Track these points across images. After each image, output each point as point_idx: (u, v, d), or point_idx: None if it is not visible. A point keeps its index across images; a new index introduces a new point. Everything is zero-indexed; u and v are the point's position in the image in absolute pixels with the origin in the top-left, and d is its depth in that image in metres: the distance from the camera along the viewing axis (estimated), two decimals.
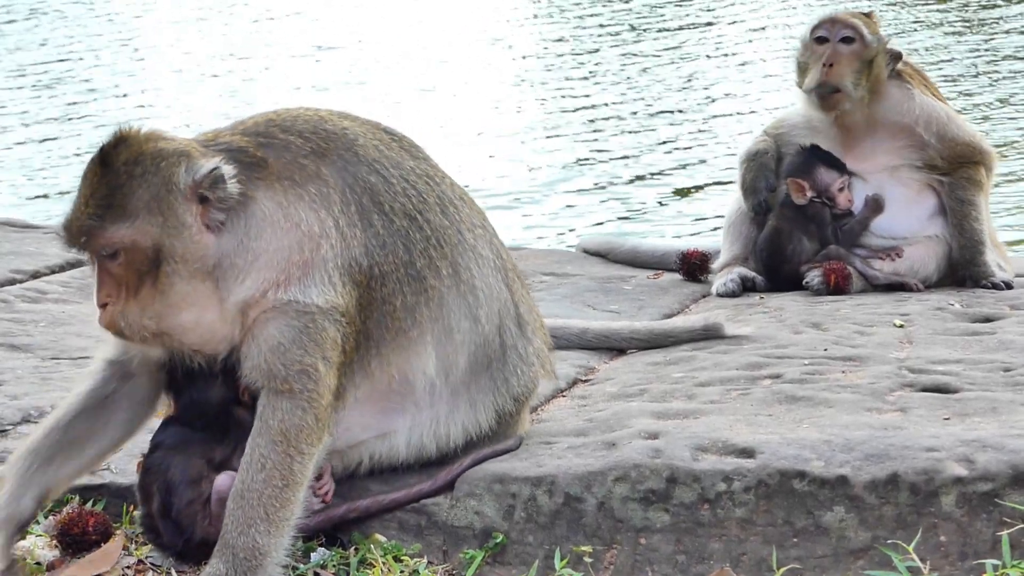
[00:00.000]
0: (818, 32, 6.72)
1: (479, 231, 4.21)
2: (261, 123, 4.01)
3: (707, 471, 3.97)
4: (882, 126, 6.70)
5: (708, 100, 17.83)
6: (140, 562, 4.01)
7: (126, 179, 3.75)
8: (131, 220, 3.74)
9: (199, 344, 3.86)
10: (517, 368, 4.23)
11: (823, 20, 6.74)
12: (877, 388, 4.66)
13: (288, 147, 3.92)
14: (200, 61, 21.57)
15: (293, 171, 3.89)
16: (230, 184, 3.79)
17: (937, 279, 6.69)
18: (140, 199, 3.75)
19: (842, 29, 6.66)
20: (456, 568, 3.99)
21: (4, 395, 4.86)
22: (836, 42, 6.66)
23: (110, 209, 3.74)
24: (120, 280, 3.78)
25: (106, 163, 3.77)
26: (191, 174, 3.77)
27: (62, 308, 6.32)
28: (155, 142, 3.82)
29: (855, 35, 6.65)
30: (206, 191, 3.78)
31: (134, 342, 3.88)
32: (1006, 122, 15.29)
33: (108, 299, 3.79)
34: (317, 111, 4.10)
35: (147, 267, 3.76)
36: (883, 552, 3.81)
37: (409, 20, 25.98)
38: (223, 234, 3.82)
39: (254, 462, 3.78)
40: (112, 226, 3.74)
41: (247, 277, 3.82)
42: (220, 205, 3.80)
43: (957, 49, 19.53)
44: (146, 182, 3.76)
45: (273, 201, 3.85)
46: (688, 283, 7.09)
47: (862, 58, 6.63)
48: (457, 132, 16.53)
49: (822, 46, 6.68)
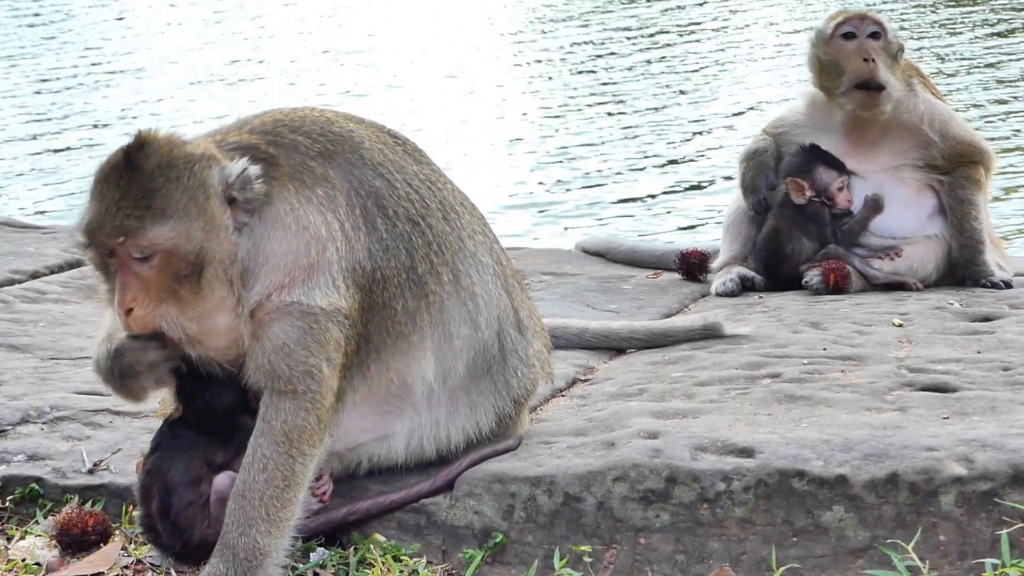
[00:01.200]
0: (844, 28, 6.63)
1: (479, 238, 4.22)
2: (268, 122, 4.00)
3: (706, 471, 3.97)
4: (890, 124, 6.68)
5: (710, 99, 17.84)
6: (139, 562, 4.01)
7: (162, 182, 3.71)
8: (172, 222, 3.70)
9: (223, 348, 3.83)
10: (517, 370, 4.24)
11: (849, 16, 6.66)
12: (876, 387, 4.65)
13: (297, 148, 3.92)
14: (211, 67, 21.57)
15: (303, 173, 3.89)
16: (257, 185, 3.79)
17: (936, 278, 6.69)
18: (179, 202, 3.71)
19: (870, 24, 6.62)
20: (455, 568, 3.99)
21: (3, 395, 4.86)
22: (864, 38, 6.62)
23: (149, 210, 3.69)
24: (148, 284, 3.73)
25: (134, 166, 3.72)
26: (223, 177, 3.76)
27: (61, 308, 6.31)
28: (180, 146, 3.79)
29: (882, 30, 6.62)
30: (236, 193, 3.77)
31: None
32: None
33: (133, 303, 3.73)
34: (323, 112, 4.10)
35: (185, 270, 3.72)
36: (882, 551, 3.81)
37: (412, 21, 26.01)
38: (243, 236, 3.81)
39: (256, 462, 3.78)
40: (153, 228, 3.69)
41: (257, 280, 3.81)
42: (247, 206, 3.79)
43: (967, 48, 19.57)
44: (182, 185, 3.72)
45: (286, 203, 3.85)
46: (687, 283, 7.09)
47: (889, 55, 6.61)
48: (459, 131, 16.54)
49: (851, 42, 6.63)
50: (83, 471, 4.39)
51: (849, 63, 6.58)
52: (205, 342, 3.81)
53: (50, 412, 4.72)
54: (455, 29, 25.12)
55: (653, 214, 12.98)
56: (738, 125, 15.99)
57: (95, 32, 25.28)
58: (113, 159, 3.77)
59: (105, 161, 3.80)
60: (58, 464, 4.42)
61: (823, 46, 6.70)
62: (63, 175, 14.93)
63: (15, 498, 4.34)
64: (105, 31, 25.46)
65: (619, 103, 17.90)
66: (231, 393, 3.91)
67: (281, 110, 4.11)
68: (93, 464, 4.41)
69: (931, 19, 22.26)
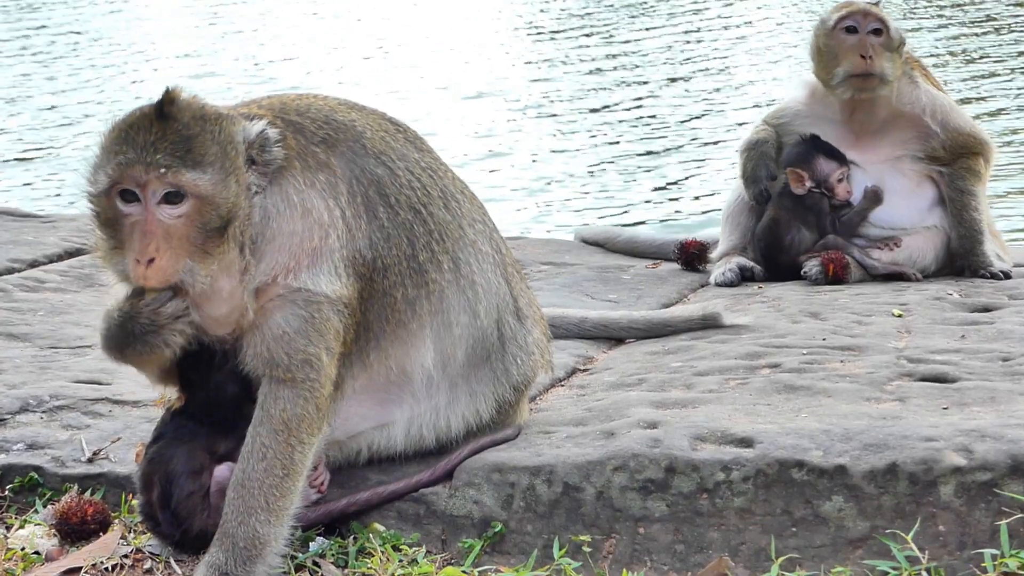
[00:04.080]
0: (847, 22, 6.68)
1: (479, 226, 4.21)
2: (276, 104, 4.00)
3: (706, 461, 3.97)
4: (892, 116, 6.70)
5: (711, 90, 17.82)
6: (138, 551, 4.01)
7: (198, 131, 3.67)
8: (211, 170, 3.65)
9: (221, 319, 3.79)
10: (517, 358, 4.24)
11: (852, 11, 6.70)
12: (876, 378, 4.66)
13: (303, 131, 3.92)
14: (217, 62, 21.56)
15: (307, 156, 3.88)
16: (275, 148, 3.77)
17: (936, 269, 6.70)
18: (215, 153, 3.67)
19: (873, 21, 6.66)
20: (455, 557, 3.99)
21: (3, 384, 4.85)
22: (865, 34, 6.65)
23: (189, 154, 3.63)
24: (171, 234, 3.64)
25: (167, 115, 3.66)
26: (247, 134, 3.73)
27: (60, 297, 6.31)
28: (206, 104, 3.77)
29: (883, 27, 6.65)
30: (255, 153, 3.75)
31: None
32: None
33: (156, 253, 3.63)
34: (327, 100, 4.10)
35: (214, 223, 3.65)
36: (882, 542, 3.81)
37: (412, 9, 25.99)
38: (257, 202, 3.77)
39: (255, 451, 3.78)
40: (191, 171, 3.62)
41: (264, 256, 3.79)
42: (263, 169, 3.77)
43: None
44: (215, 138, 3.68)
45: (295, 180, 3.84)
46: (686, 272, 7.09)
47: (890, 50, 6.64)
48: (459, 120, 16.52)
49: (852, 36, 6.66)
50: (82, 460, 4.39)
51: (847, 56, 6.62)
52: (204, 306, 3.76)
53: (49, 401, 4.72)
54: (458, 21, 25.13)
55: (653, 204, 12.98)
56: (739, 117, 15.98)
57: (101, 27, 25.27)
58: (141, 111, 3.71)
59: (129, 115, 3.73)
60: (57, 453, 4.42)
61: (824, 36, 6.73)
62: (60, 167, 14.93)
63: (14, 487, 4.34)
64: (109, 28, 25.45)
65: (621, 91, 17.89)
66: (235, 384, 3.91)
67: (287, 94, 4.11)
68: (92, 453, 4.41)
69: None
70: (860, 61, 6.58)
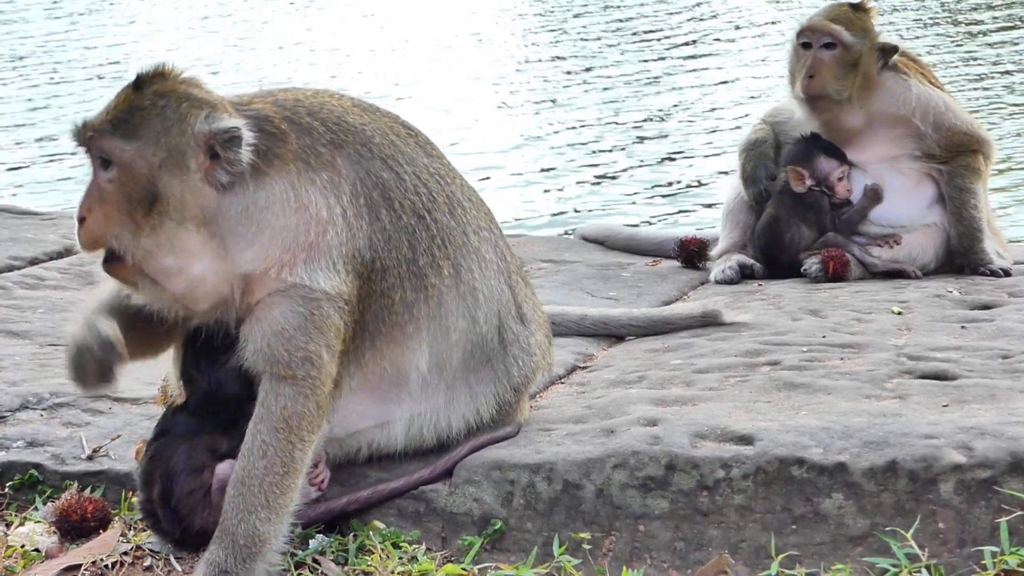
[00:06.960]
0: (802, 38, 6.69)
1: (484, 234, 4.22)
2: (290, 100, 4.03)
3: (706, 458, 3.97)
4: (877, 119, 6.68)
5: (711, 90, 17.82)
6: (138, 548, 4.01)
7: (148, 106, 3.80)
8: (136, 142, 3.77)
9: (183, 292, 3.83)
10: (518, 359, 4.25)
11: (806, 26, 6.69)
12: (875, 375, 4.66)
13: (310, 131, 3.94)
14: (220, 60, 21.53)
15: (310, 155, 3.91)
16: (244, 151, 3.80)
17: (935, 266, 6.70)
18: (152, 127, 3.78)
19: (822, 36, 6.63)
20: (455, 554, 3.99)
21: (2, 381, 4.86)
22: (818, 48, 6.63)
23: (124, 124, 3.79)
24: (105, 198, 3.79)
25: (139, 88, 3.84)
26: (208, 124, 3.79)
27: (60, 294, 6.31)
28: (188, 86, 3.87)
29: (835, 41, 6.61)
30: (218, 147, 3.79)
31: (128, 280, 3.86)
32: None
33: (88, 213, 3.81)
34: (341, 100, 4.11)
35: (137, 194, 3.77)
36: (881, 539, 3.81)
37: (414, 10, 25.98)
38: (227, 195, 3.81)
39: (255, 449, 3.78)
40: (117, 139, 3.78)
41: (250, 247, 3.82)
42: (228, 167, 3.80)
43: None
44: (163, 116, 3.79)
45: (286, 180, 3.86)
46: (686, 270, 7.09)
47: (844, 63, 6.59)
48: (461, 117, 16.53)
49: (807, 51, 6.66)
50: (82, 457, 4.39)
51: (798, 74, 6.64)
52: (164, 283, 3.82)
53: (49, 398, 4.72)
54: (460, 16, 25.12)
55: (652, 202, 12.98)
56: (740, 111, 15.98)
57: (102, 29, 25.27)
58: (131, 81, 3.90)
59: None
60: (57, 450, 4.42)
61: (792, 51, 6.76)
62: (61, 165, 14.92)
63: (14, 484, 4.35)
64: (111, 28, 25.44)
65: (621, 89, 17.89)
66: (237, 382, 3.91)
67: (304, 91, 4.13)
68: (92, 450, 4.41)
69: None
70: (806, 81, 6.58)
